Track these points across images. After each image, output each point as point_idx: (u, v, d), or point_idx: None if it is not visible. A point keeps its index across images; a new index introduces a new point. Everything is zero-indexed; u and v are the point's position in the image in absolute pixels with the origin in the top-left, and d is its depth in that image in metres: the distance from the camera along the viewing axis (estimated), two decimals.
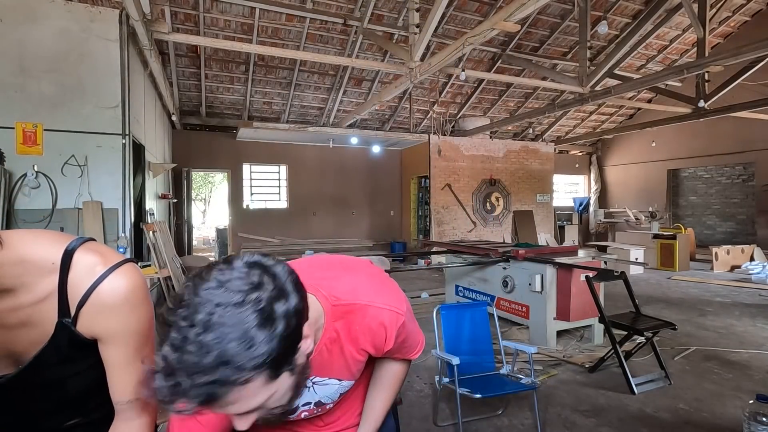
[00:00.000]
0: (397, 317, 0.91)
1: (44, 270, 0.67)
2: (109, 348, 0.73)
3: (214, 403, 0.57)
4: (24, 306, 0.67)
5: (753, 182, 10.52)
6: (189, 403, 0.55)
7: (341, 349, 0.90)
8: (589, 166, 14.12)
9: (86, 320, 0.70)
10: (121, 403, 0.77)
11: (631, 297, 3.64)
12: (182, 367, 0.54)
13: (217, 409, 0.59)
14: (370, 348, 0.92)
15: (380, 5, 7.31)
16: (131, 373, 0.75)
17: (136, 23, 4.12)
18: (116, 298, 0.69)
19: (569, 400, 3.09)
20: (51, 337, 0.69)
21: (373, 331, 0.91)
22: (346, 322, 0.89)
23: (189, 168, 9.33)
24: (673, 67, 8.28)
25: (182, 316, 0.56)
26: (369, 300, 0.89)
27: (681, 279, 7.93)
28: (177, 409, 0.55)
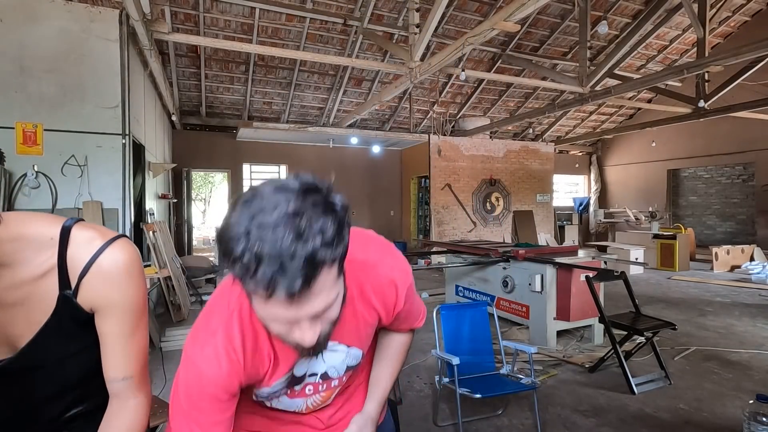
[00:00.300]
0: (407, 276, 0.94)
1: (43, 245, 0.68)
2: (106, 321, 0.74)
3: (308, 286, 0.61)
4: (24, 282, 0.68)
5: (753, 182, 10.53)
6: (288, 287, 0.59)
7: (353, 309, 0.90)
8: (589, 166, 14.12)
9: (87, 291, 0.71)
10: (116, 381, 0.76)
11: (631, 297, 3.64)
12: (280, 248, 0.58)
13: (303, 304, 0.63)
14: (381, 308, 0.93)
15: (380, 5, 7.31)
16: (127, 350, 0.76)
17: (136, 23, 4.12)
18: (116, 268, 0.71)
19: (569, 400, 3.09)
20: (53, 311, 0.70)
21: (385, 289, 0.92)
22: (357, 281, 0.89)
23: (189, 168, 9.33)
24: (673, 67, 8.28)
25: (263, 207, 0.61)
26: (379, 259, 0.91)
27: (681, 279, 7.93)
28: (279, 294, 0.60)
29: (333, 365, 0.93)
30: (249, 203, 0.62)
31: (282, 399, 0.94)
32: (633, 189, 13.02)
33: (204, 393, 0.79)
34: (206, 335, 0.80)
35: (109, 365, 0.76)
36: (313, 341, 0.69)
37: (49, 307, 0.70)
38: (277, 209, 0.60)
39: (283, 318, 0.66)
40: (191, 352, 0.80)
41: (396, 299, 0.93)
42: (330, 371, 0.94)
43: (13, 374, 0.72)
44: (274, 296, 0.60)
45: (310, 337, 0.69)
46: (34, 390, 0.74)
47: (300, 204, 0.61)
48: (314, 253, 0.60)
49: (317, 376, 0.93)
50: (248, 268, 0.59)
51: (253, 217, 0.60)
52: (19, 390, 0.74)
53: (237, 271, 0.61)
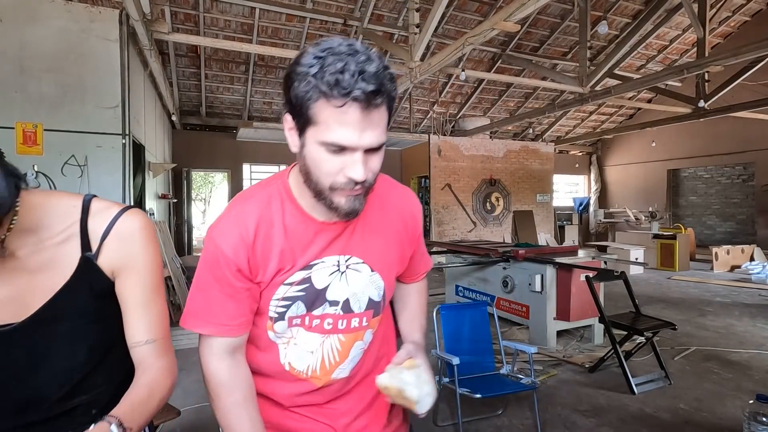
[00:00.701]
0: (421, 210, 1.03)
1: (66, 213, 0.74)
2: (127, 284, 0.77)
3: (380, 95, 0.70)
4: (47, 247, 0.72)
5: (753, 182, 10.53)
6: (363, 89, 0.68)
7: (378, 223, 0.93)
8: (589, 166, 14.12)
9: (108, 252, 0.75)
10: (140, 345, 0.77)
11: (631, 297, 3.64)
12: (357, 61, 0.69)
13: (367, 126, 0.72)
14: (404, 230, 0.97)
15: (380, 5, 7.31)
16: (149, 312, 0.78)
17: (136, 23, 4.12)
18: (134, 230, 0.77)
19: (569, 400, 3.09)
20: (73, 273, 0.73)
21: (408, 211, 0.99)
22: (384, 193, 0.95)
23: (189, 168, 9.33)
24: (673, 67, 8.28)
25: (332, 44, 0.71)
26: (401, 186, 1.02)
27: (681, 279, 7.93)
28: (357, 93, 0.68)
29: (355, 291, 0.91)
30: (317, 45, 0.71)
31: (299, 333, 0.90)
32: (633, 189, 13.02)
33: (216, 263, 0.83)
34: (223, 215, 0.87)
35: (132, 331, 0.77)
36: (363, 176, 0.74)
37: (70, 273, 0.73)
38: (346, 45, 0.71)
39: (349, 135, 0.71)
40: (209, 229, 0.86)
41: (417, 225, 1.00)
42: (352, 300, 0.91)
43: (23, 338, 0.71)
44: (351, 97, 0.68)
45: (362, 170, 0.74)
46: (41, 361, 0.73)
47: (365, 47, 0.72)
48: (383, 71, 0.71)
49: (339, 305, 0.90)
50: (331, 74, 0.68)
51: (326, 49, 0.70)
52: (26, 358, 0.72)
53: (315, 83, 0.69)
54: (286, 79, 0.74)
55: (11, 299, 0.71)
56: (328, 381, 0.94)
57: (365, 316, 0.94)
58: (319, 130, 0.72)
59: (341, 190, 0.77)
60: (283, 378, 0.93)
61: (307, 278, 0.87)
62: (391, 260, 0.96)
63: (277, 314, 0.88)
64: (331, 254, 0.88)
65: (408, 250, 1.01)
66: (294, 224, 0.86)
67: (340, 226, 0.88)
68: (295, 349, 0.91)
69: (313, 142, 0.74)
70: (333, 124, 0.71)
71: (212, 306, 0.85)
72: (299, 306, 0.88)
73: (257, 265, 0.84)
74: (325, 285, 0.88)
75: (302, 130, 0.75)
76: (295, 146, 0.79)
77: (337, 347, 0.93)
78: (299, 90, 0.71)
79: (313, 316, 0.90)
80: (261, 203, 0.86)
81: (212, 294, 0.84)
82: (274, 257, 0.85)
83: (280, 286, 0.86)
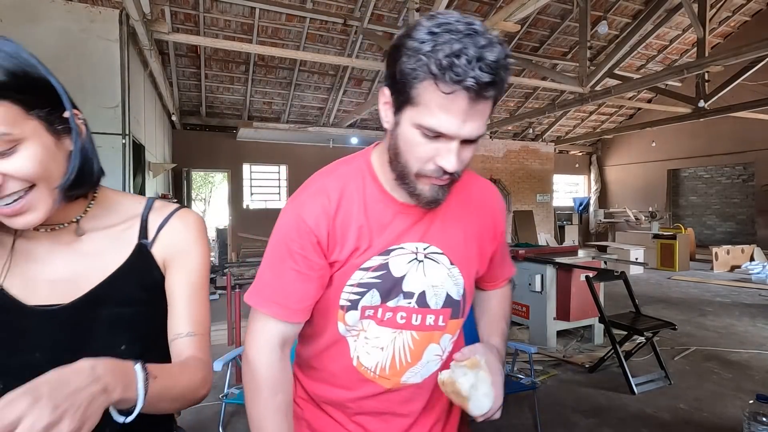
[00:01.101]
0: (505, 208, 0.98)
1: (131, 207, 0.79)
2: (176, 274, 0.78)
3: (491, 87, 0.65)
4: (109, 234, 0.76)
5: (753, 182, 10.52)
6: (476, 77, 0.63)
7: (461, 214, 0.88)
8: (589, 166, 14.12)
9: (162, 241, 0.78)
10: (180, 336, 0.76)
11: (631, 297, 3.64)
12: (476, 46, 0.63)
13: (471, 115, 0.67)
14: (486, 224, 0.92)
15: (380, 5, 7.30)
16: (193, 305, 0.78)
17: (136, 23, 4.12)
18: (189, 224, 0.80)
19: (569, 400, 3.09)
20: (128, 257, 0.75)
21: (493, 194, 0.95)
22: (467, 186, 0.91)
23: (189, 168, 9.33)
24: (673, 67, 8.28)
25: (449, 20, 0.66)
26: (484, 180, 0.97)
27: (681, 279, 7.93)
28: (470, 83, 0.63)
29: (433, 284, 0.85)
30: (432, 19, 0.67)
31: (370, 326, 0.85)
32: (633, 189, 13.01)
33: (293, 235, 0.80)
34: (304, 187, 0.87)
35: (175, 321, 0.77)
36: (455, 167, 0.71)
37: (125, 258, 0.76)
38: (464, 24, 0.66)
39: (450, 124, 0.67)
40: (289, 201, 0.86)
41: (498, 223, 0.94)
42: (428, 293, 0.85)
43: (68, 319, 0.71)
44: (462, 86, 0.64)
45: (455, 161, 0.70)
46: (81, 346, 0.71)
47: (484, 28, 0.67)
48: (503, 59, 0.65)
49: (414, 297, 0.84)
50: (446, 57, 0.63)
51: (442, 24, 0.65)
52: (67, 342, 0.71)
53: (426, 62, 0.64)
54: (393, 52, 0.69)
55: (66, 280, 0.72)
56: (397, 384, 0.87)
57: (442, 315, 0.87)
58: (418, 112, 0.68)
59: (427, 177, 0.74)
60: (349, 377, 0.87)
61: (384, 264, 0.82)
62: (472, 256, 0.90)
63: (349, 303, 0.83)
64: (409, 240, 0.83)
65: (488, 248, 0.93)
66: (374, 202, 0.83)
67: (420, 212, 0.84)
68: (365, 343, 0.85)
69: (409, 123, 0.70)
70: (435, 108, 0.66)
71: (279, 284, 0.81)
72: (374, 295, 0.82)
73: (336, 241, 0.81)
74: (402, 274, 0.83)
75: (399, 108, 0.71)
76: (388, 123, 0.75)
77: (410, 345, 0.86)
78: (406, 66, 0.66)
79: (386, 308, 0.84)
80: (343, 177, 0.85)
81: (282, 271, 0.81)
82: (352, 234, 0.81)
83: (356, 270, 0.82)
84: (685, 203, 12.24)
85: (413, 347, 0.86)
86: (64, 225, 0.73)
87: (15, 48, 0.62)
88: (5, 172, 0.59)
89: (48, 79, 0.65)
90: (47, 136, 0.63)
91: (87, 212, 0.75)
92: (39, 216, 0.64)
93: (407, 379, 0.87)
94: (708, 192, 11.75)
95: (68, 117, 0.66)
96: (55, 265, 0.72)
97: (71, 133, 0.67)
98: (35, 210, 0.63)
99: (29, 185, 0.62)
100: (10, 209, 0.61)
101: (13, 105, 0.58)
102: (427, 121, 0.68)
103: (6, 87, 0.57)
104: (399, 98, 0.71)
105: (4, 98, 0.57)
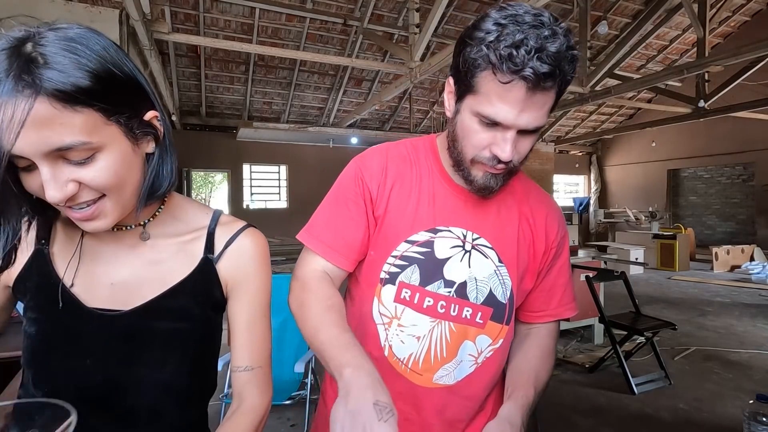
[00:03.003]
0: (565, 224, 0.94)
1: (199, 217, 0.77)
2: (239, 302, 0.76)
3: (551, 78, 0.65)
4: (175, 242, 0.73)
5: (753, 182, 10.52)
6: (536, 68, 0.64)
7: (516, 212, 0.87)
8: (589, 166, 14.12)
9: (228, 261, 0.75)
10: (239, 370, 0.75)
11: (631, 297, 3.64)
12: (539, 37, 0.64)
13: (530, 105, 0.68)
14: (539, 227, 0.87)
15: (380, 5, 7.30)
16: (253, 335, 0.76)
17: (136, 23, 4.11)
18: (256, 247, 0.77)
19: (569, 400, 3.09)
20: (193, 270, 0.72)
21: (549, 204, 0.92)
22: (526, 184, 0.92)
23: (189, 168, 9.33)
24: (673, 67, 8.27)
25: (518, 12, 0.67)
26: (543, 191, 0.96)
27: (681, 279, 7.93)
28: (527, 73, 0.64)
29: (476, 276, 0.82)
30: (502, 10, 0.68)
31: (405, 313, 0.82)
32: (633, 189, 13.01)
33: (347, 181, 0.86)
34: (371, 148, 0.90)
35: (236, 353, 0.76)
36: (509, 157, 0.72)
37: (189, 271, 0.72)
38: (532, 15, 0.66)
39: (506, 113, 0.68)
40: (355, 157, 0.89)
41: (557, 228, 0.89)
42: (469, 285, 0.82)
43: (125, 328, 0.68)
44: (519, 76, 0.64)
45: (509, 150, 0.71)
46: (133, 357, 0.68)
47: (553, 19, 0.67)
48: (565, 51, 0.65)
49: (454, 286, 0.82)
50: (506, 47, 0.64)
51: (510, 16, 0.66)
52: (121, 352, 0.68)
53: (487, 53, 0.66)
54: (460, 42, 0.72)
55: (126, 285, 0.69)
56: (428, 382, 0.83)
57: (481, 311, 0.83)
58: (477, 100, 0.70)
59: (482, 164, 0.75)
60: (378, 368, 0.84)
61: (429, 242, 0.82)
62: (522, 259, 0.86)
63: (388, 275, 0.82)
64: (459, 225, 0.83)
65: (539, 260, 0.88)
66: (430, 176, 0.85)
67: (475, 200, 0.84)
68: (399, 331, 0.82)
69: (468, 111, 0.73)
70: (494, 97, 0.68)
71: (329, 226, 0.84)
72: (414, 271, 0.81)
73: (383, 194, 0.84)
74: (445, 257, 0.82)
75: (461, 97, 0.74)
76: (450, 111, 0.78)
77: (447, 338, 0.82)
78: (469, 55, 0.69)
79: (425, 293, 0.81)
80: (408, 147, 0.89)
81: (334, 215, 0.85)
82: (401, 196, 0.84)
83: (402, 242, 0.82)
84: (685, 203, 12.24)
85: (450, 340, 0.82)
86: (131, 227, 0.70)
87: (105, 44, 0.58)
88: (81, 181, 0.56)
89: (136, 78, 0.61)
90: (126, 143, 0.60)
91: (155, 217, 0.72)
92: (108, 222, 0.62)
93: (440, 377, 0.83)
94: (708, 192, 11.74)
95: (148, 120, 0.63)
96: (117, 268, 0.70)
97: (149, 137, 0.64)
98: (105, 216, 0.61)
99: (101, 194, 0.59)
100: (79, 214, 0.59)
101: (94, 112, 0.54)
102: (485, 110, 0.70)
103: (90, 93, 0.53)
104: (461, 87, 0.73)
105: (87, 105, 0.53)
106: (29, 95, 0.50)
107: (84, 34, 0.57)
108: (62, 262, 0.69)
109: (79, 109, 0.53)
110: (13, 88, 0.50)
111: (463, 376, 0.84)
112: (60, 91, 0.51)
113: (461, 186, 0.83)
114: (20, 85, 0.50)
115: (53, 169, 0.54)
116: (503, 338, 0.86)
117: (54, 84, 0.51)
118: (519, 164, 0.77)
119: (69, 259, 0.69)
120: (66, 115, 0.52)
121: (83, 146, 0.54)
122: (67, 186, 0.55)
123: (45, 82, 0.51)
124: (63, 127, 0.52)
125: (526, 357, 0.87)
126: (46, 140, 0.52)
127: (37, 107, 0.50)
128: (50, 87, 0.51)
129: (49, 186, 0.54)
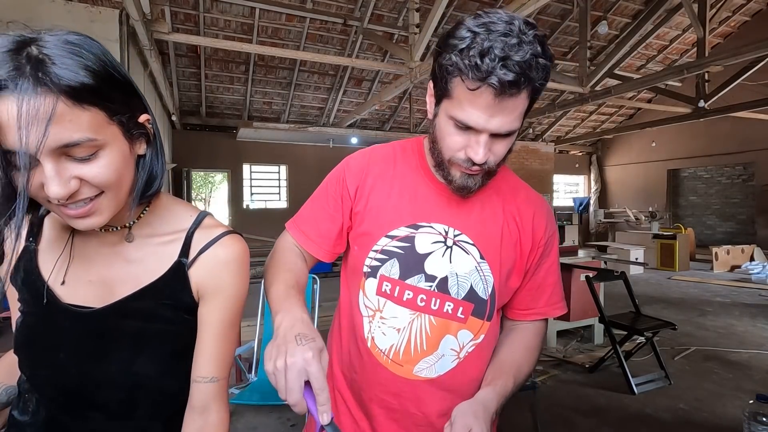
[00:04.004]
0: (555, 222, 0.95)
1: (181, 219, 0.77)
2: (209, 310, 0.75)
3: (516, 87, 0.68)
4: (154, 242, 0.74)
5: (753, 182, 10.52)
6: (501, 77, 0.66)
7: (499, 208, 0.88)
8: (589, 166, 14.12)
9: (201, 267, 0.74)
10: (203, 381, 0.74)
11: (631, 297, 3.64)
12: (505, 45, 0.66)
13: (499, 110, 0.70)
14: (525, 224, 0.89)
15: (380, 5, 7.30)
16: (219, 346, 0.75)
17: (136, 23, 4.12)
18: (232, 254, 0.76)
19: (569, 400, 3.09)
20: (164, 273, 0.73)
21: (538, 203, 0.94)
22: (512, 180, 0.95)
23: (189, 168, 9.33)
24: (673, 67, 8.28)
25: (491, 20, 0.69)
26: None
27: (681, 279, 7.93)
28: (492, 80, 0.66)
29: (456, 272, 0.84)
30: (477, 18, 0.71)
31: (387, 306, 0.85)
32: (633, 189, 13.01)
33: (333, 178, 0.93)
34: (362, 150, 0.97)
35: (201, 361, 0.74)
36: (482, 159, 0.75)
37: (162, 272, 0.73)
38: (504, 23, 0.68)
39: (477, 118, 0.71)
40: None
41: (544, 227, 0.90)
42: (450, 280, 0.84)
43: (97, 325, 0.70)
44: (486, 83, 0.67)
45: (482, 153, 0.74)
46: (103, 355, 0.70)
47: (524, 27, 0.68)
48: (531, 59, 0.67)
49: (435, 281, 0.84)
50: (472, 56, 0.67)
51: (483, 24, 0.69)
52: (92, 348, 0.70)
53: (456, 60, 0.69)
54: (436, 48, 0.75)
55: (104, 283, 0.71)
56: (409, 373, 0.85)
57: (462, 306, 0.84)
58: (452, 105, 0.74)
59: (458, 165, 0.79)
60: (362, 359, 0.88)
61: (410, 237, 0.85)
62: (505, 256, 0.87)
63: (370, 269, 0.87)
64: (440, 222, 0.86)
65: (525, 258, 0.89)
66: (413, 173, 0.90)
67: (457, 199, 0.87)
68: (381, 323, 0.86)
69: (445, 114, 0.76)
70: (465, 102, 0.71)
71: (309, 217, 0.93)
72: (394, 265, 0.85)
73: (363, 193, 0.89)
74: (426, 252, 0.84)
75: (438, 100, 0.77)
76: (430, 113, 0.82)
77: (427, 331, 0.84)
78: (443, 62, 0.72)
79: (405, 286, 0.84)
80: (393, 148, 0.95)
81: (316, 207, 0.93)
82: (382, 191, 0.88)
83: (383, 237, 0.86)
84: (685, 203, 12.24)
85: (430, 333, 0.85)
86: (116, 228, 0.72)
87: (102, 49, 0.60)
88: (84, 178, 0.58)
89: (131, 82, 0.64)
90: (124, 143, 0.62)
91: (141, 218, 0.73)
92: (102, 219, 0.63)
93: (420, 370, 0.85)
94: (708, 192, 11.74)
95: (142, 122, 0.66)
96: (98, 267, 0.72)
97: (142, 138, 0.67)
98: (100, 214, 0.62)
99: (99, 192, 0.61)
100: (75, 212, 0.60)
101: (99, 111, 0.57)
102: (458, 114, 0.73)
103: (95, 92, 0.56)
104: (438, 91, 0.77)
105: (93, 104, 0.56)
106: (47, 92, 0.52)
107: (82, 39, 0.59)
108: (47, 260, 0.72)
109: (86, 107, 0.56)
110: (33, 86, 0.52)
111: (446, 371, 0.86)
112: (71, 89, 0.54)
113: (442, 182, 0.87)
114: (39, 83, 0.52)
115: (57, 165, 0.56)
116: (484, 334, 0.88)
117: (67, 82, 0.53)
118: (496, 166, 0.79)
119: (55, 257, 0.72)
120: (75, 113, 0.55)
121: (89, 143, 0.56)
122: (70, 183, 0.57)
123: (58, 80, 0.53)
124: (72, 123, 0.54)
125: (510, 349, 0.90)
126: (55, 136, 0.53)
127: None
128: (64, 84, 0.53)
129: (53, 182, 0.55)
